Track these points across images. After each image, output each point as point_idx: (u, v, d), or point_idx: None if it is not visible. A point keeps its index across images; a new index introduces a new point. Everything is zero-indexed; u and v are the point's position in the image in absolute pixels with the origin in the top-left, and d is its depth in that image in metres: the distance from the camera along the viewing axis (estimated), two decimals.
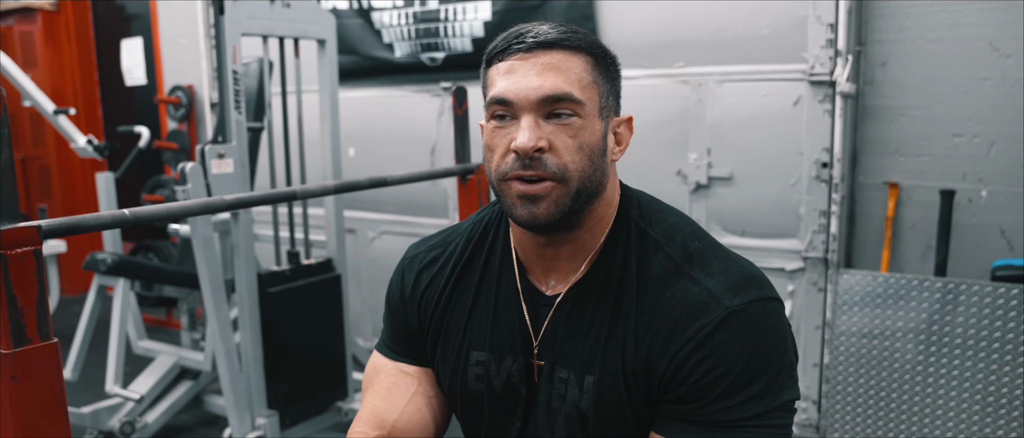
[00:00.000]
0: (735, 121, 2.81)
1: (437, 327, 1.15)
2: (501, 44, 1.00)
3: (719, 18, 2.78)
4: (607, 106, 1.01)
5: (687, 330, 0.95)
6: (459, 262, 1.14)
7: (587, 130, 0.97)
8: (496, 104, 0.98)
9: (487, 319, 1.10)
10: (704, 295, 0.96)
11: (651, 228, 1.04)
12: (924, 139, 2.64)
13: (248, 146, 2.71)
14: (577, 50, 0.98)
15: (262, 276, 2.65)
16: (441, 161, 3.51)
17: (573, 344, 1.03)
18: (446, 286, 1.14)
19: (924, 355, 2.49)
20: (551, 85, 0.95)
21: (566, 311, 1.04)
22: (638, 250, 1.02)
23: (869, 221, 2.79)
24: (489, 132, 1.00)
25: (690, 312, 0.95)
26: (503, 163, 0.98)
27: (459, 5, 3.23)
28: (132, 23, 4.94)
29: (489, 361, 1.10)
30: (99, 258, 3.01)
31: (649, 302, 0.99)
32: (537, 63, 0.97)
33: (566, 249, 1.04)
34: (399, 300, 1.19)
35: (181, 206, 1.57)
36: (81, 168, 5.26)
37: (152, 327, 4.45)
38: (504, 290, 1.10)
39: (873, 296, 2.56)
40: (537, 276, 1.08)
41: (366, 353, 3.15)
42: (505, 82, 0.98)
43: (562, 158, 0.96)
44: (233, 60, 2.45)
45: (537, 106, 0.96)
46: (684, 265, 0.99)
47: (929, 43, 2.59)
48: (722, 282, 0.96)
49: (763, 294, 0.97)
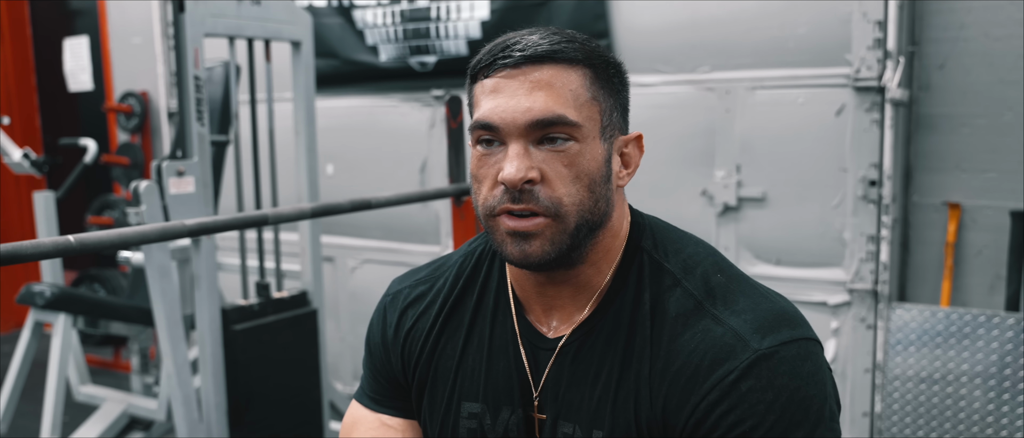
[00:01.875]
0: (768, 133, 2.84)
1: (423, 374, 1.15)
2: (485, 58, 1.01)
3: (749, 16, 2.82)
4: (611, 124, 1.01)
5: (710, 378, 0.95)
6: (449, 299, 1.15)
7: (585, 155, 0.98)
8: (480, 129, 0.99)
9: (480, 365, 1.11)
10: (729, 336, 0.96)
11: (666, 260, 1.04)
12: (991, 152, 2.67)
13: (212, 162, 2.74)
14: (573, 63, 0.98)
15: (227, 311, 2.67)
16: (432, 180, 3.54)
17: (579, 394, 1.04)
18: (434, 326, 1.15)
19: (995, 404, 2.50)
20: (542, 107, 0.96)
21: (570, 356, 1.05)
22: (652, 285, 1.03)
23: (926, 247, 2.81)
24: (475, 160, 1.01)
25: (713, 356, 0.95)
26: (491, 196, 0.99)
27: (453, 2, 3.28)
28: (77, 20, 5.00)
29: (483, 413, 1.10)
30: (36, 290, 3.03)
31: (665, 345, 0.99)
32: (526, 81, 0.97)
33: (568, 287, 1.05)
34: (380, 342, 1.20)
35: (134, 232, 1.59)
36: (15, 186, 5.29)
37: (97, 369, 4.46)
38: (499, 332, 1.11)
39: (932, 334, 2.57)
40: (537, 316, 1.09)
41: (345, 399, 3.16)
42: (490, 103, 0.98)
43: (556, 190, 0.96)
44: (195, 64, 2.49)
45: (526, 131, 0.96)
46: (705, 302, 0.99)
47: (996, 41, 2.62)
48: (749, 321, 0.97)
49: (797, 334, 0.97)
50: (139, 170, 4.36)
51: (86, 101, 4.90)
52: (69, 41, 4.77)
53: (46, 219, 3.41)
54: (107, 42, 4.51)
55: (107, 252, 4.16)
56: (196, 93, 2.50)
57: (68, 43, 4.77)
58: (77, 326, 3.26)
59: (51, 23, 5.18)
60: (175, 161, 2.48)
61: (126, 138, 4.46)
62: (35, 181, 4.98)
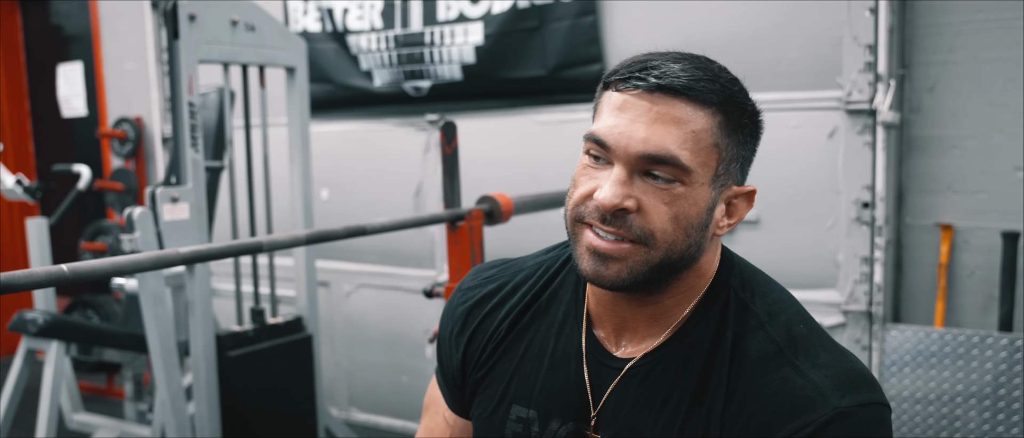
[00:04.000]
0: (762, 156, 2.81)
1: (482, 374, 1.16)
2: (623, 72, 0.99)
3: (742, 40, 2.84)
4: (726, 173, 0.99)
5: (786, 426, 0.94)
6: (519, 303, 1.15)
7: (688, 200, 0.96)
8: (593, 142, 0.98)
9: (538, 371, 1.11)
10: (809, 389, 0.95)
11: (753, 301, 1.03)
12: (981, 174, 2.68)
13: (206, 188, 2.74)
14: (706, 103, 0.95)
15: (221, 337, 2.66)
16: (427, 204, 3.54)
17: (642, 419, 1.02)
18: (499, 328, 1.15)
19: (990, 424, 2.50)
20: (657, 144, 0.94)
21: (638, 379, 1.04)
22: (735, 324, 1.02)
23: (919, 268, 2.82)
24: (580, 167, 1.01)
25: (791, 406, 0.94)
26: (583, 205, 0.98)
27: (447, 28, 3.30)
28: (71, 46, 5.01)
29: (532, 420, 1.10)
30: (28, 318, 3.02)
31: (743, 385, 0.98)
32: (652, 110, 0.95)
33: (645, 311, 1.04)
34: (446, 338, 1.22)
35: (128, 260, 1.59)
36: (8, 212, 5.28)
37: (90, 396, 4.43)
38: (564, 342, 1.10)
39: (926, 355, 2.58)
40: (607, 333, 1.08)
41: (341, 425, 3.14)
42: (611, 120, 0.97)
43: (651, 223, 0.95)
44: (189, 90, 2.50)
45: (635, 161, 0.95)
46: (786, 350, 0.99)
47: (984, 64, 2.64)
48: (830, 377, 0.96)
49: (875, 398, 0.96)
50: (133, 196, 4.36)
51: (80, 127, 4.90)
52: (63, 67, 4.77)
53: (39, 245, 3.40)
54: (101, 68, 4.52)
55: (101, 280, 4.14)
56: (190, 119, 2.51)
57: (62, 69, 4.77)
58: (70, 353, 3.25)
59: (45, 49, 5.19)
60: (169, 187, 2.48)
61: (120, 164, 4.46)
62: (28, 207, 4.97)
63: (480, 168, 3.23)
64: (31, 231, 3.40)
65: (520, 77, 3.22)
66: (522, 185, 2.76)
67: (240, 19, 2.64)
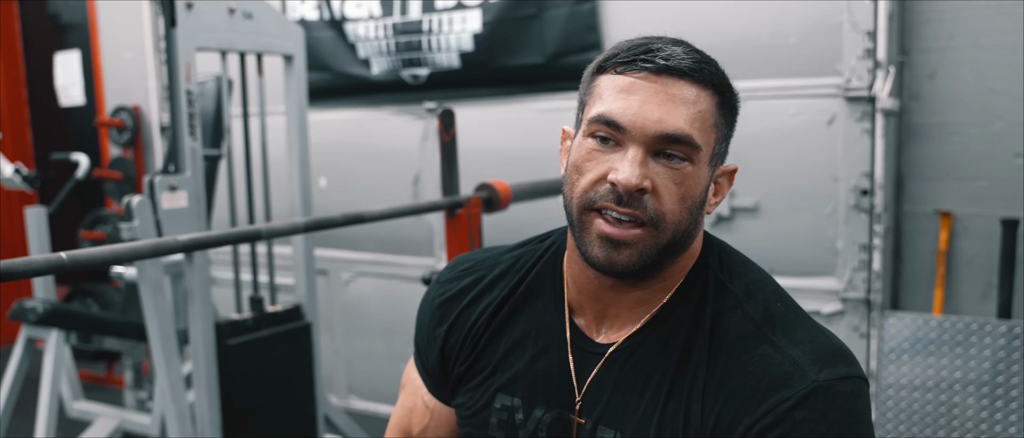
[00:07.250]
0: (760, 144, 2.85)
1: (464, 365, 1.17)
2: (624, 55, 1.00)
3: (740, 26, 2.84)
4: (719, 153, 1.03)
5: (765, 401, 0.95)
6: (498, 296, 1.16)
7: (693, 179, 0.98)
8: (602, 123, 0.98)
9: (521, 361, 1.12)
10: (787, 365, 0.97)
11: (731, 282, 1.05)
12: (981, 161, 2.68)
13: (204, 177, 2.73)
14: (708, 84, 0.98)
15: (220, 326, 2.66)
16: (425, 192, 3.54)
17: (624, 401, 1.04)
18: (478, 321, 1.16)
19: (988, 411, 2.51)
20: (674, 124, 0.95)
21: (620, 363, 1.05)
22: (714, 304, 1.03)
23: (918, 256, 2.82)
24: (583, 151, 1.00)
25: (770, 382, 0.96)
26: (593, 190, 0.98)
27: (445, 15, 3.29)
28: (68, 34, 5.00)
29: (515, 408, 1.11)
30: (28, 306, 3.02)
31: (722, 363, 0.99)
32: (663, 91, 0.96)
33: (631, 297, 1.06)
34: (422, 331, 1.24)
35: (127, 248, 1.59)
36: (7, 202, 5.28)
37: (90, 385, 4.44)
38: (546, 332, 1.11)
39: (925, 342, 2.58)
40: (588, 320, 1.10)
41: (340, 413, 3.15)
42: (621, 102, 0.97)
43: (663, 204, 0.97)
44: (187, 78, 2.49)
45: (651, 142, 0.96)
46: (764, 328, 1.00)
47: (985, 50, 2.64)
48: (807, 353, 0.97)
49: (852, 372, 0.98)
50: (131, 184, 4.35)
51: (78, 115, 4.90)
52: (60, 55, 4.76)
53: (38, 234, 3.40)
54: (99, 56, 4.51)
55: (100, 268, 4.15)
56: (188, 107, 2.50)
57: (59, 57, 4.76)
58: (70, 342, 3.25)
59: (42, 38, 5.18)
60: (168, 176, 2.48)
61: (118, 152, 4.45)
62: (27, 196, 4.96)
63: (478, 156, 3.23)
64: (30, 220, 3.41)
65: (518, 65, 3.21)
66: (520, 173, 2.76)
67: (237, 7, 2.63)
